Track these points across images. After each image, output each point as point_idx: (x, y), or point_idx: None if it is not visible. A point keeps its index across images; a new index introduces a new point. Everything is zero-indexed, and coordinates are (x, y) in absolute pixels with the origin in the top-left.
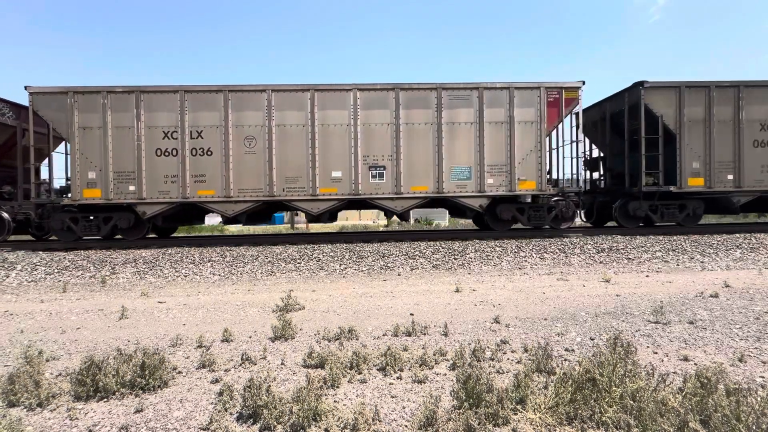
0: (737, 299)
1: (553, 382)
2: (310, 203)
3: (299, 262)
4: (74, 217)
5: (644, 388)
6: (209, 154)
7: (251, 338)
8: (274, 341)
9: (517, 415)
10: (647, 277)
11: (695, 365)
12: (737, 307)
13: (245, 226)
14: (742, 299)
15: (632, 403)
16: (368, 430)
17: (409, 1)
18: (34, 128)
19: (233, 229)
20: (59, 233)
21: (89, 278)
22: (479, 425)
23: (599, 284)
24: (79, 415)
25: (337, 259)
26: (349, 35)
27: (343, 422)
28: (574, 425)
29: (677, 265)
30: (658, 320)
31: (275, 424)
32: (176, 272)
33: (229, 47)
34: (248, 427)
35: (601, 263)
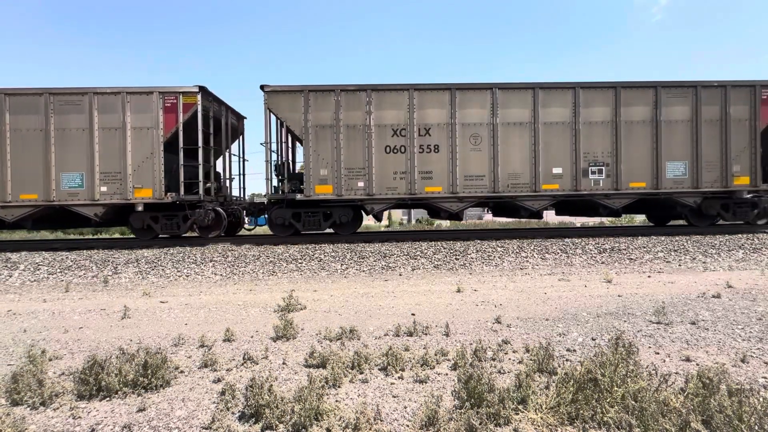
0: (739, 300)
1: (554, 382)
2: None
3: (301, 262)
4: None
5: (646, 388)
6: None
7: (253, 338)
8: (275, 341)
9: (518, 415)
10: (649, 277)
11: (697, 366)
12: (739, 307)
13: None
14: (744, 300)
15: (634, 403)
16: (370, 429)
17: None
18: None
19: None
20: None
21: (92, 278)
22: (480, 425)
23: (601, 284)
24: (81, 414)
25: (338, 259)
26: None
27: (344, 422)
28: (575, 425)
29: (679, 265)
30: (660, 321)
31: (277, 423)
32: (178, 272)
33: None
34: (250, 426)
35: (602, 263)
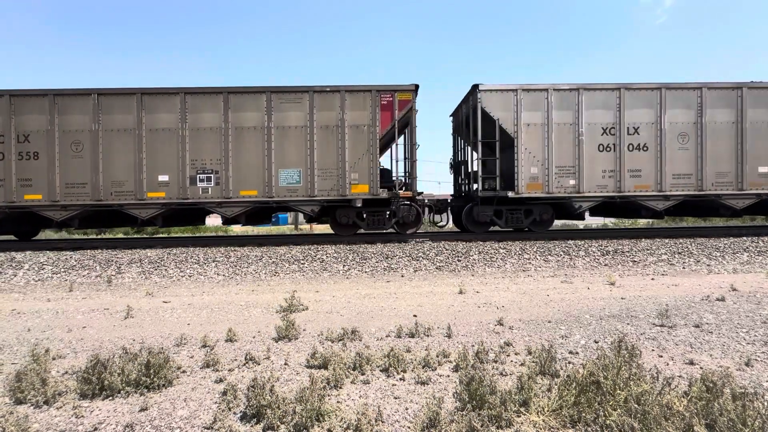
0: (744, 303)
1: (556, 384)
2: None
3: (303, 262)
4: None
5: (649, 391)
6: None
7: (255, 338)
8: (277, 341)
9: (520, 417)
10: (653, 280)
11: (701, 369)
12: (744, 310)
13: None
14: (749, 303)
15: (637, 406)
16: (371, 430)
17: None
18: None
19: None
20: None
21: (95, 278)
22: (482, 427)
23: (604, 287)
24: (84, 413)
25: (340, 260)
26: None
27: (346, 423)
28: (577, 428)
29: (683, 268)
30: (663, 323)
31: (278, 423)
32: (181, 272)
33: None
34: (252, 426)
35: (605, 266)
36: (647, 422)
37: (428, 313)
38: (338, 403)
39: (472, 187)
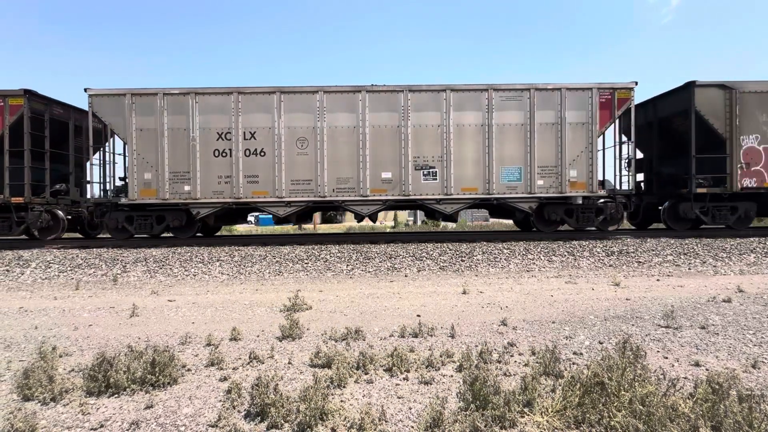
0: (751, 304)
1: (560, 385)
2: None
3: (307, 262)
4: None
5: (654, 392)
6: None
7: (259, 337)
8: (281, 340)
9: (524, 417)
10: (658, 281)
11: (707, 371)
12: (751, 312)
13: None
14: (756, 304)
15: (641, 407)
16: (374, 430)
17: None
18: None
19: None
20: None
21: (101, 276)
22: (486, 427)
23: (609, 288)
24: (90, 410)
25: (344, 259)
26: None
27: (349, 422)
28: (581, 429)
29: (689, 269)
30: (668, 325)
31: (282, 422)
32: (186, 271)
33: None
34: (256, 425)
35: (610, 266)
36: (652, 423)
37: (432, 313)
38: (342, 402)
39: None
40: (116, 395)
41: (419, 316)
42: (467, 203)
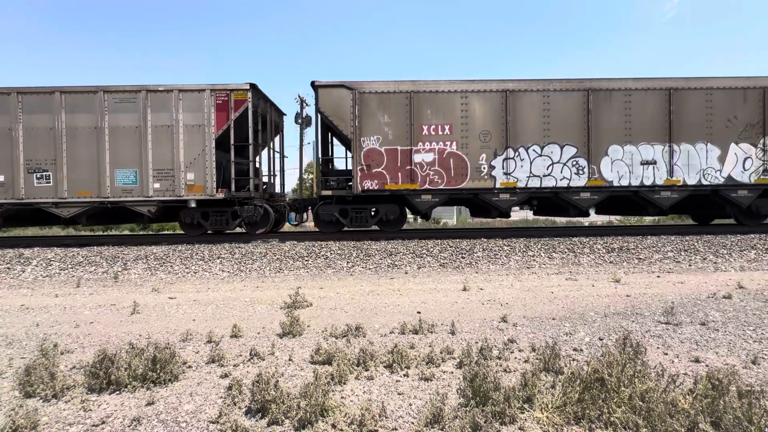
0: (751, 301)
1: (560, 381)
2: None
3: (307, 259)
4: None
5: (654, 388)
6: None
7: (260, 334)
8: (282, 337)
9: (524, 413)
10: (658, 277)
11: (707, 367)
12: (751, 308)
13: None
14: (756, 301)
15: (641, 403)
16: (375, 426)
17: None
18: None
19: None
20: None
21: (102, 274)
22: (486, 423)
23: (609, 284)
24: (92, 406)
25: (344, 256)
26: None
27: (349, 418)
28: (581, 425)
29: (689, 265)
30: (668, 321)
31: (283, 418)
32: (186, 269)
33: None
34: (256, 421)
35: (611, 263)
36: (652, 419)
37: (432, 309)
38: (342, 398)
39: None
40: (117, 392)
41: (419, 312)
42: (84, 206)
